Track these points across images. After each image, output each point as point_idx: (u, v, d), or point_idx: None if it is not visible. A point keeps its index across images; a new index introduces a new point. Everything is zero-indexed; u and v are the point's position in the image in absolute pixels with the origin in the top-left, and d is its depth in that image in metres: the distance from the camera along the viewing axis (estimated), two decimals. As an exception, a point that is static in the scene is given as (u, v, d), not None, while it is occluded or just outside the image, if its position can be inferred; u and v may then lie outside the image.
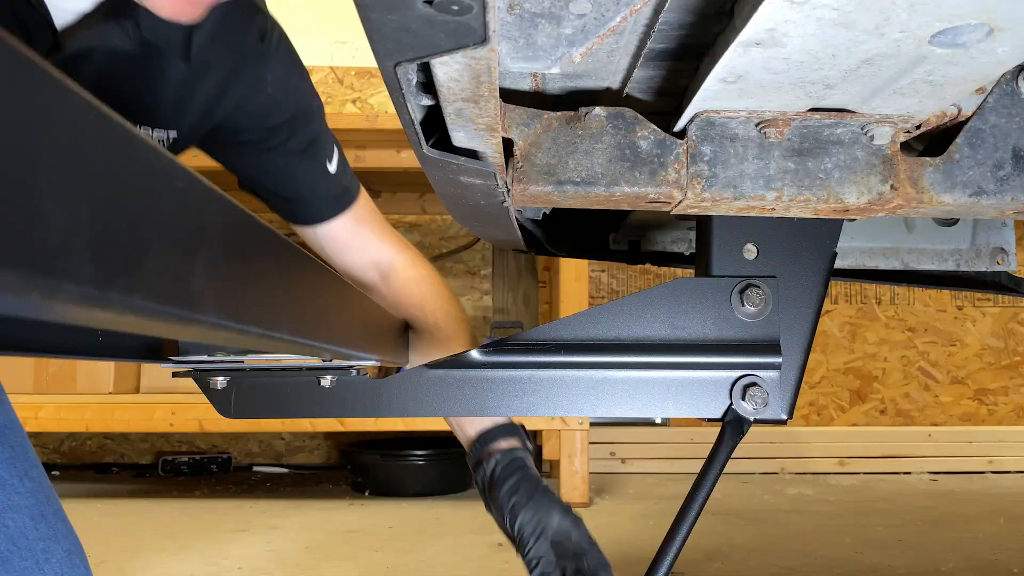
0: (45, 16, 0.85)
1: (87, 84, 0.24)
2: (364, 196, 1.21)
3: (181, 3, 0.82)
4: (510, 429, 1.10)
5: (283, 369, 0.88)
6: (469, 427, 1.11)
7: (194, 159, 0.96)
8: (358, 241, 1.19)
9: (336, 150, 1.17)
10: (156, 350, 0.79)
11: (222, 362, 0.85)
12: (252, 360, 0.85)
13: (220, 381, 0.87)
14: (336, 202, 1.17)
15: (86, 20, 0.89)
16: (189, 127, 1.04)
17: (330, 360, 0.85)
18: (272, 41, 1.07)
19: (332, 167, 1.15)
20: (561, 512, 1.04)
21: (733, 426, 0.85)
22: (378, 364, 0.94)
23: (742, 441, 0.86)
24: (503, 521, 1.05)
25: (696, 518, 0.85)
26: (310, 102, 1.13)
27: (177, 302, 0.28)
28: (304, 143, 1.12)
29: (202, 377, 0.87)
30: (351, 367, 0.88)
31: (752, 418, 0.86)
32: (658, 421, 3.37)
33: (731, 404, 0.86)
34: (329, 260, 1.20)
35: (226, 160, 1.14)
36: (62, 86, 0.22)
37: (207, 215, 0.32)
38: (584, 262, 2.85)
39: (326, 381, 0.88)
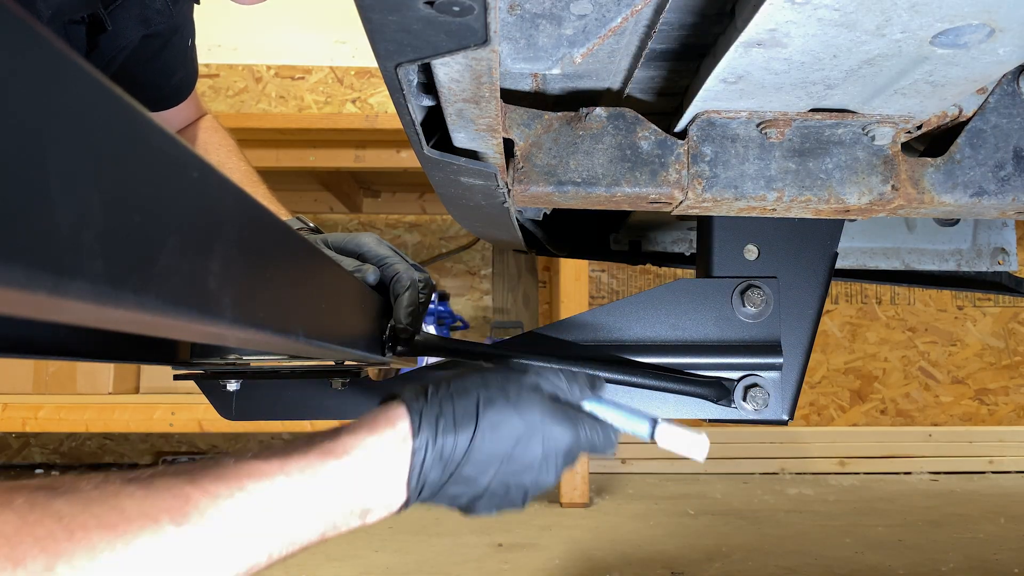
0: None
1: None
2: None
3: None
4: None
5: (289, 371, 0.88)
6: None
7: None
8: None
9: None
10: (169, 352, 0.79)
11: (230, 364, 0.84)
12: (258, 362, 0.85)
13: (225, 384, 0.86)
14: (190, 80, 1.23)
15: None
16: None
17: (343, 363, 0.84)
18: None
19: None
20: None
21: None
22: (388, 365, 0.93)
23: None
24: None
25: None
26: None
27: (194, 301, 0.26)
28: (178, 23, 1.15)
29: (202, 379, 0.87)
30: (358, 369, 0.87)
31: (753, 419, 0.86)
32: (658, 421, 3.36)
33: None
34: None
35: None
36: (73, 66, 0.20)
37: (223, 207, 0.30)
38: (584, 262, 2.85)
39: (337, 384, 0.88)
